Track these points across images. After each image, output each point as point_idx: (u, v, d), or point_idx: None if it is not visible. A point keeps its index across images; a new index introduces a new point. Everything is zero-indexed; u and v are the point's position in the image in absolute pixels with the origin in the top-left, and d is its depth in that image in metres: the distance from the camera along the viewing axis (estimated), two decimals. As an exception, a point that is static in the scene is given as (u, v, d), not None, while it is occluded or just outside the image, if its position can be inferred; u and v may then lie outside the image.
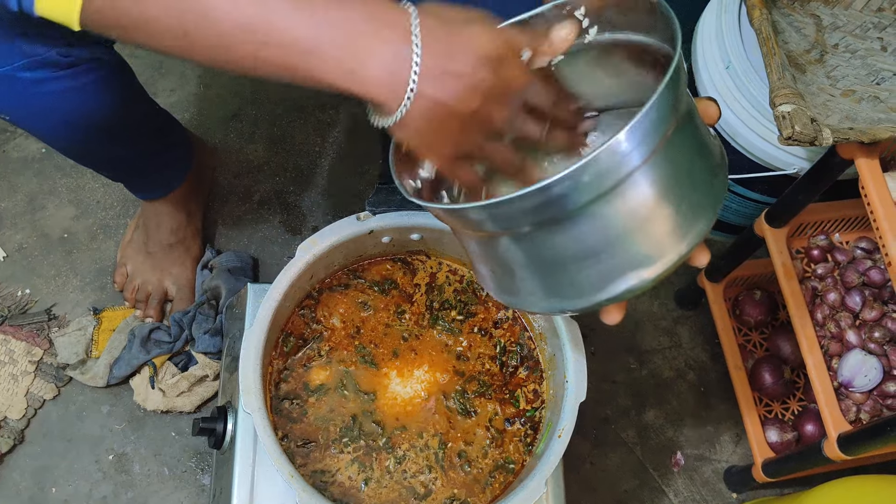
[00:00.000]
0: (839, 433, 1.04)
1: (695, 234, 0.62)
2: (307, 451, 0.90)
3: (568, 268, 0.63)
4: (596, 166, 0.56)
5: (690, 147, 0.62)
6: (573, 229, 0.60)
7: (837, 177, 1.02)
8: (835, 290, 1.17)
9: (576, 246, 0.61)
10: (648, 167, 0.58)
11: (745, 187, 1.31)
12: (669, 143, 0.59)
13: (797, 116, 0.86)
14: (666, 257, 0.62)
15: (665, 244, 0.62)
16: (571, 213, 0.59)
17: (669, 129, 0.59)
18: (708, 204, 0.63)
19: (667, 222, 0.61)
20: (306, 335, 0.95)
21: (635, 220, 0.60)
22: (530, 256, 0.64)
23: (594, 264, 0.62)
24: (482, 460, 0.93)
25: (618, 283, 0.62)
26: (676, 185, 0.61)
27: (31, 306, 1.34)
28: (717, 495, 1.35)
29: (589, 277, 0.63)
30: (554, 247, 0.62)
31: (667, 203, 0.60)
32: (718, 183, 0.64)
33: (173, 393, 1.27)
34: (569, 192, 0.57)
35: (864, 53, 1.06)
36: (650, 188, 0.59)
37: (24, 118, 0.97)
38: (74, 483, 1.25)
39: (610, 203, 0.59)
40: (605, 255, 0.61)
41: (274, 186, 1.47)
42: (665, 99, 0.57)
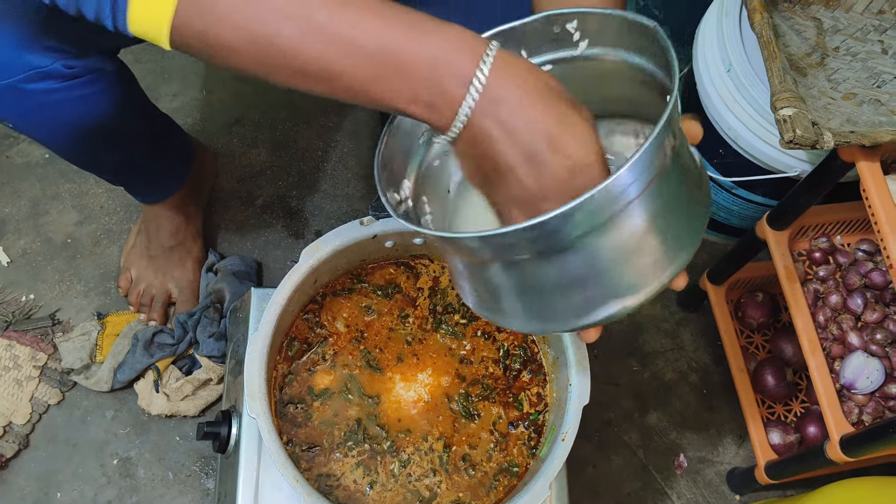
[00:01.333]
0: (841, 435, 1.05)
1: (678, 263, 0.63)
2: (312, 455, 0.90)
3: (553, 294, 0.63)
4: (592, 203, 0.56)
5: (679, 179, 0.62)
6: (562, 261, 0.61)
7: (839, 179, 1.02)
8: (836, 292, 1.17)
9: (562, 275, 0.62)
10: (642, 201, 0.59)
11: (747, 190, 1.31)
12: (662, 176, 0.59)
13: (798, 120, 0.87)
14: (649, 286, 0.63)
15: (648, 274, 0.62)
16: (563, 246, 0.59)
17: (664, 162, 0.59)
18: (692, 234, 0.64)
19: (653, 254, 0.62)
20: (310, 339, 0.96)
21: (624, 252, 0.61)
22: (516, 283, 0.64)
23: (579, 292, 0.63)
24: (486, 464, 0.93)
25: (600, 311, 0.63)
26: (665, 217, 0.61)
27: (35, 312, 1.35)
28: (719, 497, 1.35)
29: (572, 304, 0.63)
30: (541, 276, 0.63)
31: (654, 235, 0.61)
32: (702, 212, 0.65)
33: (177, 397, 1.27)
34: (561, 227, 0.57)
35: (864, 56, 1.07)
36: (641, 221, 0.60)
37: (27, 127, 0.98)
38: (79, 488, 1.25)
39: (601, 236, 0.59)
40: (591, 284, 0.62)
41: (277, 191, 1.47)
42: (663, 133, 0.57)
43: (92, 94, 0.95)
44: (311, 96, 0.65)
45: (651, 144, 0.56)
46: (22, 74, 0.87)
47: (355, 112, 1.55)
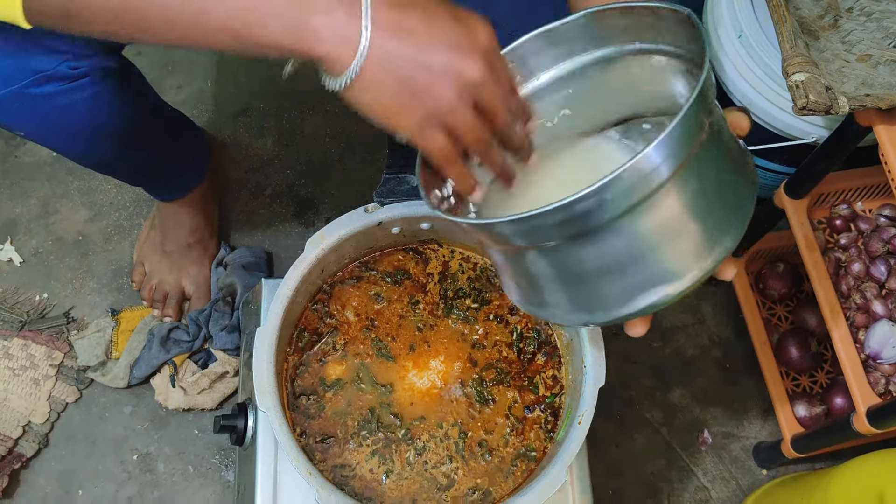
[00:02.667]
0: (868, 406, 1.02)
1: (720, 250, 0.61)
2: (326, 446, 0.89)
3: (592, 282, 0.62)
4: (624, 181, 0.55)
5: (718, 162, 0.61)
6: (598, 244, 0.60)
7: (856, 145, 0.99)
8: (859, 259, 1.14)
9: (600, 261, 0.61)
10: (675, 182, 0.57)
11: (764, 158, 1.28)
12: (697, 157, 0.58)
13: (811, 85, 0.84)
14: (690, 273, 0.61)
15: (689, 261, 0.61)
16: (597, 229, 0.58)
17: (697, 143, 0.57)
18: (735, 220, 0.62)
19: (692, 239, 0.60)
20: (321, 330, 0.95)
21: (660, 236, 0.59)
22: (555, 270, 0.63)
23: (618, 279, 0.61)
24: (503, 449, 0.91)
25: (641, 299, 0.62)
26: (703, 201, 0.60)
27: (49, 310, 1.35)
28: (746, 472, 1.34)
29: (613, 292, 0.62)
30: (579, 261, 0.61)
31: (692, 219, 0.60)
32: (747, 199, 0.63)
33: (194, 391, 1.27)
34: (595, 207, 0.56)
35: (879, 16, 1.03)
36: (677, 204, 0.58)
37: (38, 133, 0.97)
38: (100, 485, 1.26)
39: (635, 218, 0.58)
40: (630, 270, 0.61)
41: (285, 180, 1.46)
42: (693, 112, 0.56)
43: (99, 94, 0.94)
44: (316, 83, 0.63)
45: (681, 120, 0.55)
46: (26, 80, 0.86)
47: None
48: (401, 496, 0.88)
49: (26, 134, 0.96)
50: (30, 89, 0.87)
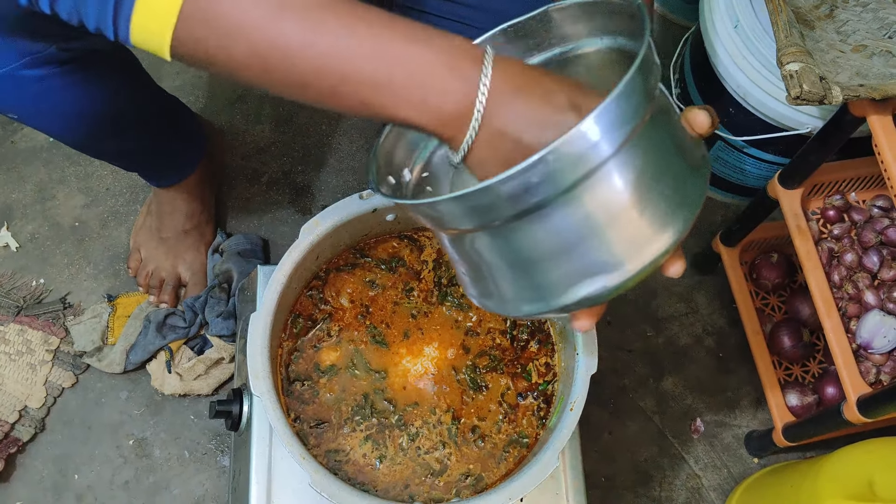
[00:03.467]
0: (858, 396, 1.03)
1: (661, 244, 0.59)
2: (320, 431, 0.90)
3: (530, 269, 0.61)
4: (560, 154, 0.54)
5: (663, 150, 0.59)
6: (536, 227, 0.58)
7: (850, 135, 1.00)
8: (852, 250, 1.15)
9: (537, 246, 0.60)
10: (615, 164, 0.56)
11: (759, 149, 1.28)
12: (638, 140, 0.57)
13: (805, 75, 0.84)
14: (629, 265, 0.59)
15: (628, 251, 0.59)
16: (534, 207, 0.57)
17: (637, 124, 0.56)
18: (678, 214, 0.59)
19: (630, 227, 0.58)
20: (315, 316, 0.95)
21: (597, 221, 0.58)
22: (496, 255, 0.62)
23: (555, 267, 0.60)
24: (496, 435, 0.92)
25: (578, 289, 0.60)
26: (644, 188, 0.58)
27: (45, 296, 1.35)
28: (737, 461, 1.34)
29: (550, 280, 0.61)
30: (517, 246, 0.61)
31: (632, 206, 0.58)
32: (694, 194, 0.61)
33: (190, 376, 1.28)
34: (532, 183, 0.55)
35: (875, 6, 1.03)
36: (615, 188, 0.57)
37: (31, 116, 0.97)
38: (96, 469, 1.26)
39: (571, 200, 0.57)
40: (566, 257, 0.59)
41: (282, 167, 1.46)
42: (632, 89, 0.55)
43: (92, 76, 0.94)
44: None
45: (620, 94, 0.54)
46: (18, 61, 0.86)
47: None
48: (394, 481, 0.89)
49: (20, 117, 0.96)
50: (22, 71, 0.86)
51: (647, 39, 0.57)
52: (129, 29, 0.59)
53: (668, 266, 0.62)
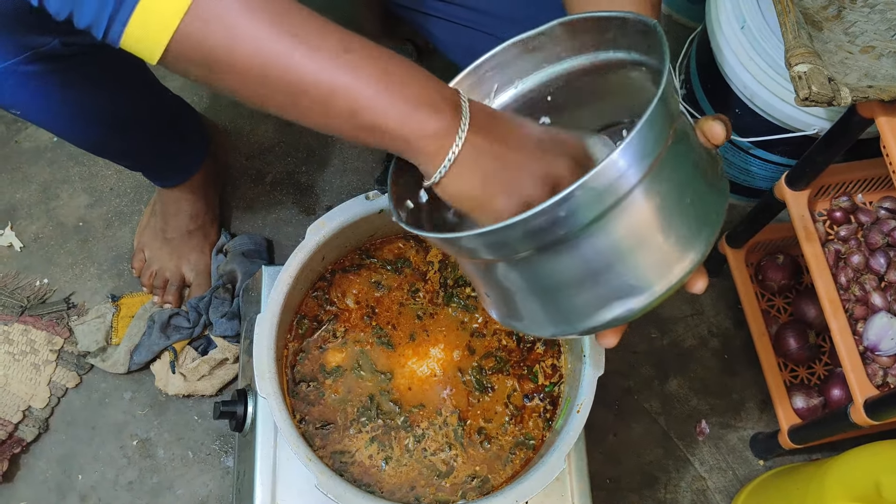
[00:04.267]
0: (865, 398, 1.02)
1: (685, 264, 0.60)
2: (326, 432, 0.90)
3: (557, 295, 0.62)
4: (583, 192, 0.55)
5: (684, 173, 0.60)
6: (562, 257, 0.60)
7: (858, 136, 0.99)
8: (859, 251, 1.15)
9: (564, 274, 0.61)
10: (638, 193, 0.57)
11: (766, 150, 1.28)
12: (660, 168, 0.57)
13: (814, 76, 0.84)
14: (654, 287, 0.60)
15: (654, 275, 0.60)
16: (560, 240, 0.58)
17: (659, 153, 0.57)
18: (702, 234, 0.61)
19: (656, 252, 0.60)
20: (321, 317, 0.95)
21: (623, 248, 0.59)
22: (523, 282, 0.64)
23: (582, 292, 0.61)
24: (502, 437, 0.92)
25: (605, 312, 0.62)
26: (667, 213, 0.59)
27: (49, 296, 1.35)
28: (743, 463, 1.34)
29: (577, 305, 0.62)
30: (544, 274, 0.62)
31: (656, 232, 0.59)
32: (715, 212, 0.62)
33: (194, 377, 1.27)
34: (557, 219, 0.56)
35: (883, 7, 1.03)
36: (638, 216, 0.58)
37: (33, 112, 0.96)
38: (100, 469, 1.26)
39: (597, 230, 0.58)
40: (593, 283, 0.61)
41: (286, 167, 1.46)
42: (654, 120, 0.55)
43: (94, 71, 0.94)
44: None
45: (642, 128, 0.54)
46: (20, 56, 0.85)
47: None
48: (400, 482, 0.89)
49: (22, 113, 0.95)
50: (23, 66, 0.86)
51: (666, 66, 0.57)
52: (121, 33, 0.59)
53: (692, 283, 0.64)
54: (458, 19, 1.00)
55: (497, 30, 0.97)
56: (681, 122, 0.61)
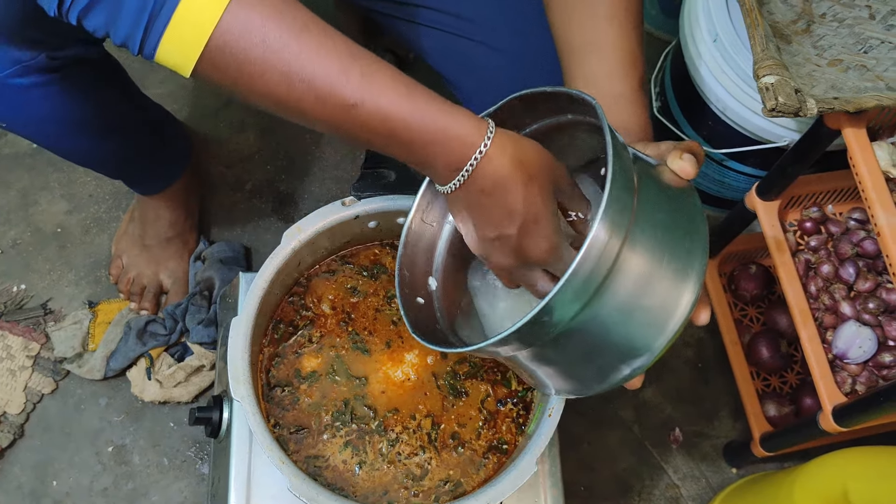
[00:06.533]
0: (834, 405, 1.04)
1: (683, 309, 0.63)
2: (300, 437, 0.90)
3: (569, 368, 0.67)
4: (565, 293, 0.58)
5: (659, 214, 0.63)
6: (562, 344, 0.63)
7: (826, 148, 1.01)
8: (828, 261, 1.16)
9: (569, 357, 0.65)
10: (615, 276, 0.60)
11: (738, 161, 1.30)
12: (634, 230, 0.60)
13: (781, 87, 0.86)
14: (654, 345, 0.63)
15: (652, 334, 0.63)
16: (577, 315, 0.61)
17: (629, 217, 0.60)
18: (691, 273, 0.63)
19: (649, 312, 0.62)
20: (296, 322, 0.95)
21: (614, 325, 0.62)
22: (535, 363, 0.68)
23: (588, 365, 0.66)
24: (475, 441, 0.93)
25: (614, 376, 0.65)
26: (655, 260, 0.62)
27: (26, 301, 1.35)
28: (716, 471, 1.35)
29: (588, 374, 0.67)
30: (550, 359, 0.67)
31: (652, 279, 0.62)
32: (698, 239, 0.65)
33: (170, 384, 1.27)
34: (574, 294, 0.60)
35: (851, 22, 1.05)
36: (622, 292, 0.61)
37: (20, 125, 0.97)
38: (75, 476, 1.26)
39: (599, 305, 0.61)
40: (595, 359, 0.65)
41: (265, 175, 1.47)
42: (611, 211, 0.58)
43: (80, 84, 0.94)
44: None
45: (599, 224, 0.58)
46: (7, 70, 0.86)
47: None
48: (373, 486, 0.89)
49: (8, 125, 0.96)
50: (12, 80, 0.87)
51: (609, 141, 0.60)
52: (155, 48, 0.61)
53: (695, 317, 0.66)
54: (441, 26, 1.01)
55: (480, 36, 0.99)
56: (645, 176, 0.64)
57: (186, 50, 0.61)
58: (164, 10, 0.59)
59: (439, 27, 1.01)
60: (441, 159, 0.65)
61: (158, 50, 0.61)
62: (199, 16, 0.59)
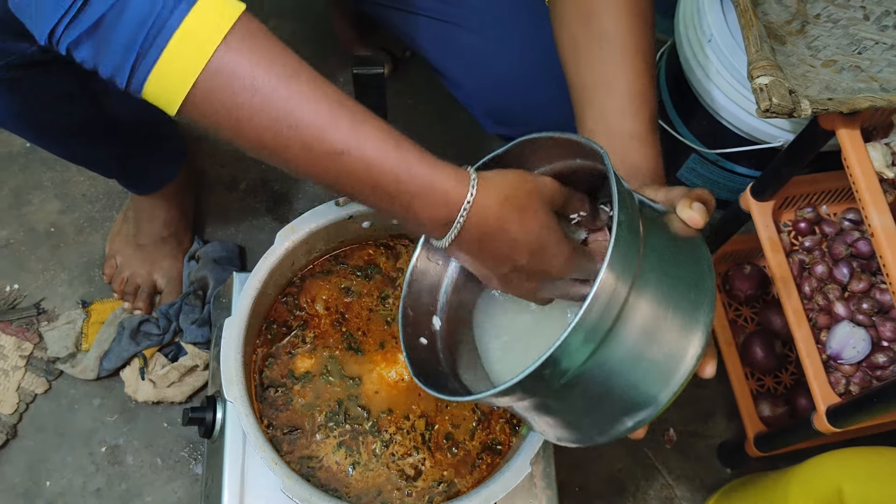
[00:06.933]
0: (828, 406, 1.04)
1: (685, 367, 0.62)
2: (293, 438, 0.90)
3: (573, 419, 0.67)
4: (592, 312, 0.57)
5: (666, 265, 0.62)
6: (570, 392, 0.62)
7: (820, 148, 1.01)
8: (822, 262, 1.17)
9: (569, 412, 0.65)
10: (620, 328, 0.59)
11: (733, 162, 1.30)
12: (640, 281, 0.60)
13: (775, 88, 0.86)
14: (660, 396, 0.63)
15: (658, 386, 0.62)
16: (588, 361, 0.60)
17: (636, 265, 0.59)
18: (694, 332, 0.62)
19: (654, 366, 0.62)
20: (290, 322, 0.95)
21: (620, 377, 0.61)
22: (537, 413, 0.68)
23: (592, 415, 0.65)
24: (469, 442, 0.92)
25: (618, 427, 0.65)
26: (661, 309, 0.61)
27: (19, 301, 1.34)
28: (710, 471, 1.35)
29: (590, 423, 0.66)
30: (553, 410, 0.66)
31: (660, 329, 0.61)
32: (704, 288, 0.64)
33: (164, 384, 1.27)
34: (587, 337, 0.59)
35: (846, 23, 1.05)
36: (626, 345, 0.60)
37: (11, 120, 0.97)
38: (68, 476, 1.25)
39: (606, 356, 0.60)
40: (596, 411, 0.64)
41: (260, 174, 1.46)
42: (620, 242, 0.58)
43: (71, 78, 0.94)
44: None
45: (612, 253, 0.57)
46: None
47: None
48: (367, 487, 0.89)
49: (2, 123, 0.96)
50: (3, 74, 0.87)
51: (615, 190, 0.59)
52: (142, 86, 0.61)
53: (703, 369, 0.66)
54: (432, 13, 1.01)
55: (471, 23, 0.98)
56: (652, 225, 0.63)
57: (173, 90, 0.60)
58: (153, 50, 0.59)
59: (431, 15, 1.01)
60: (427, 212, 0.64)
61: (145, 87, 0.61)
62: (187, 58, 0.59)
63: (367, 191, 0.64)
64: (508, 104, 1.03)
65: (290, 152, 0.63)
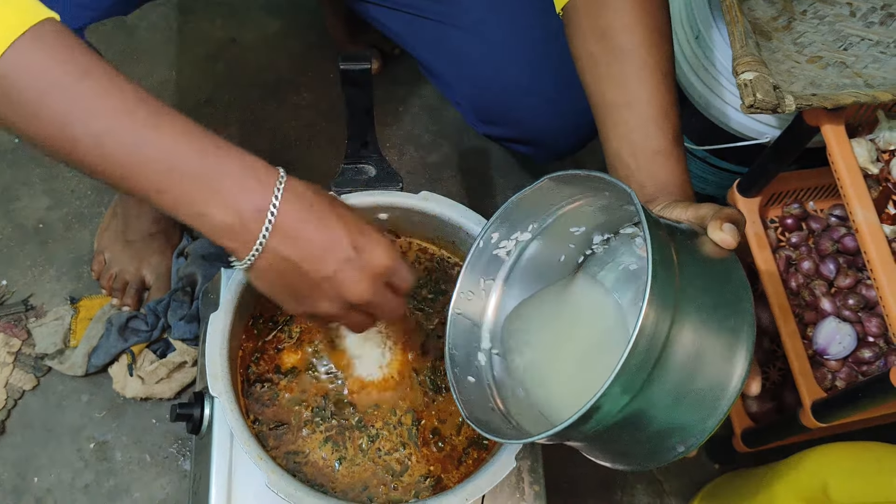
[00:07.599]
0: (813, 401, 1.05)
1: (731, 393, 0.62)
2: (280, 433, 0.90)
3: (623, 450, 0.67)
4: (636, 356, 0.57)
5: (702, 293, 0.62)
6: (612, 433, 0.62)
7: (806, 144, 1.02)
8: (809, 258, 1.17)
9: (620, 443, 0.65)
10: (675, 331, 0.59)
11: (720, 158, 1.30)
12: (681, 300, 0.59)
13: (759, 84, 0.86)
14: (707, 423, 0.63)
15: (702, 417, 0.62)
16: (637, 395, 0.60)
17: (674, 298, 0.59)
18: (737, 359, 0.62)
19: (696, 398, 0.62)
20: (277, 317, 0.95)
21: (670, 409, 0.62)
22: (594, 445, 0.68)
23: (643, 446, 0.65)
24: (456, 437, 0.93)
25: (669, 454, 0.65)
26: (703, 339, 0.61)
27: (7, 297, 1.34)
28: (699, 466, 1.36)
29: (642, 453, 0.66)
30: (598, 446, 0.67)
31: (689, 384, 0.61)
32: (742, 311, 0.63)
33: (152, 380, 1.27)
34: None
35: (832, 19, 1.06)
36: (671, 383, 0.60)
37: None
38: (56, 472, 1.25)
39: (654, 390, 0.60)
40: (649, 441, 0.65)
41: (249, 171, 1.46)
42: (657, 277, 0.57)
43: None
44: (281, 74, 0.66)
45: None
46: None
47: (329, 90, 1.54)
48: (353, 482, 0.89)
49: None
50: None
51: (649, 247, 0.58)
52: None
53: (748, 388, 0.65)
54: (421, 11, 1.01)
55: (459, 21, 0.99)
56: (685, 253, 0.62)
57: None
58: None
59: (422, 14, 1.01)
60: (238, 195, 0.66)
61: None
62: None
63: (166, 184, 0.65)
64: (497, 104, 1.03)
65: (79, 147, 0.63)
